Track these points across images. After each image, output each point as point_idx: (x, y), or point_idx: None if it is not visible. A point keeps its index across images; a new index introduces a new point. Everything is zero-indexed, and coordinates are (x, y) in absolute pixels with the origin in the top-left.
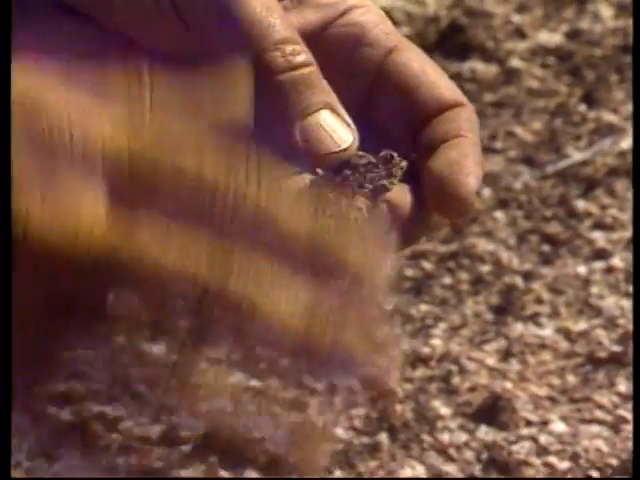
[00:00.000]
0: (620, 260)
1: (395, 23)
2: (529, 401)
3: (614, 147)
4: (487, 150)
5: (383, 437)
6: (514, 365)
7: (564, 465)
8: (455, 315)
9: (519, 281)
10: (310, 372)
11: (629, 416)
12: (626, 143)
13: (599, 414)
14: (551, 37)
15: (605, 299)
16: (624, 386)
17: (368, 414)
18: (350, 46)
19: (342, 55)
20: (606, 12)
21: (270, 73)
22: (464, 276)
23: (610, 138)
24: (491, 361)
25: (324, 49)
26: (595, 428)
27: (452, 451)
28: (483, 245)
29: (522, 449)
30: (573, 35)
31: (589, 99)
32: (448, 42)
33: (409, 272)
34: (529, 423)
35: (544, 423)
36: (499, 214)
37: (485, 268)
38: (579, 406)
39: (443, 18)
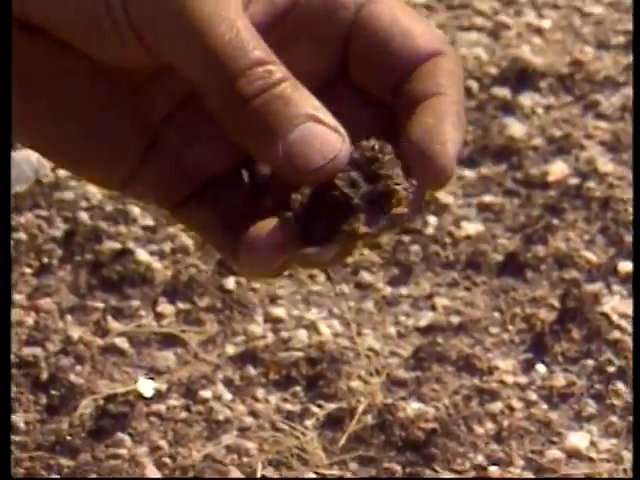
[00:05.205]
0: None
1: None
2: None
3: None
4: None
5: None
6: None
7: None
8: None
9: None
10: None
11: (510, 21)
12: None
13: (478, 21)
14: None
15: None
16: None
17: None
18: (321, 12)
19: (314, 23)
20: None
21: (243, 102)
22: None
23: None
24: None
25: (296, 22)
26: (473, 35)
27: None
28: None
29: None
30: None
31: None
32: None
33: None
34: None
35: None
36: None
37: None
38: (457, 13)
39: None
